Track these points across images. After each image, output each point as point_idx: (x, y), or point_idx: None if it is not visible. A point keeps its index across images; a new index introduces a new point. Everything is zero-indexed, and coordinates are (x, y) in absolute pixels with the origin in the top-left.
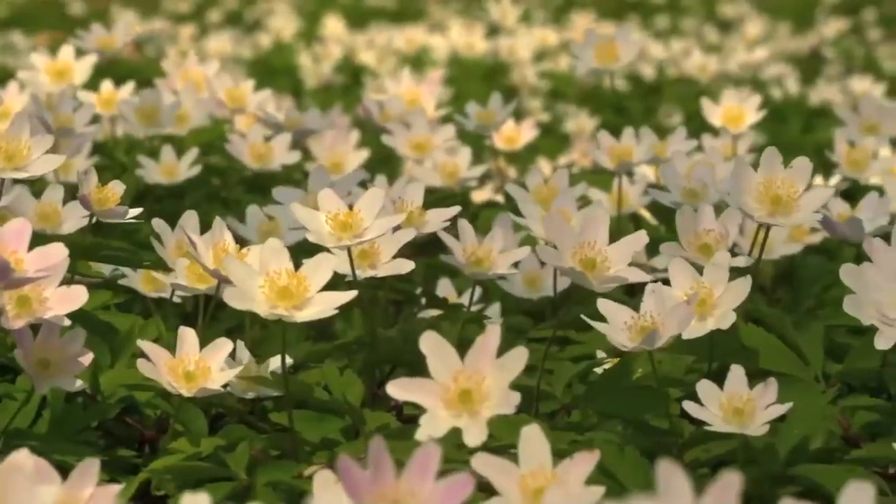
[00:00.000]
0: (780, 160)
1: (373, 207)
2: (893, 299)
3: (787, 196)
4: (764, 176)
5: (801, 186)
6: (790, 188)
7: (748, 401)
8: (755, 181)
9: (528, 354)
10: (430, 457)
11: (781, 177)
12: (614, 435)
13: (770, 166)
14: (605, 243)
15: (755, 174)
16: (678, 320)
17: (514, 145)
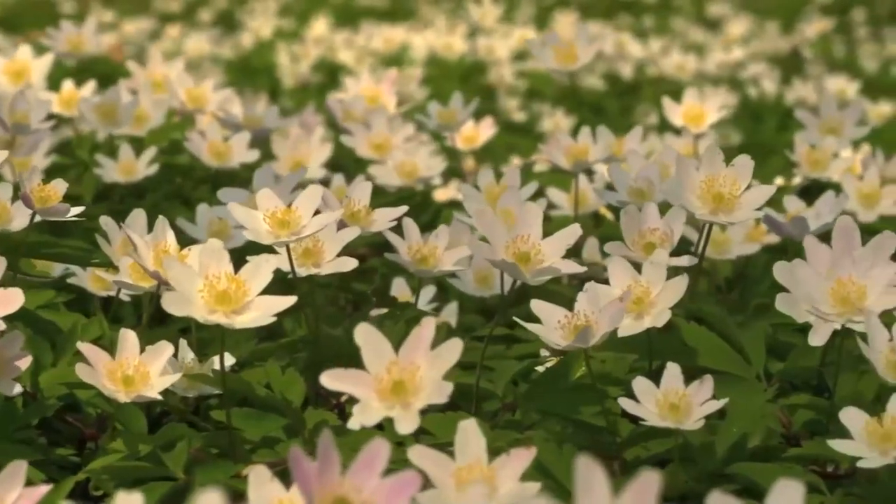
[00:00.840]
0: (722, 158)
1: (310, 205)
2: (825, 295)
3: (729, 194)
4: (706, 174)
5: (743, 184)
6: (732, 186)
7: (683, 397)
8: (698, 179)
9: (463, 349)
10: (377, 454)
11: (723, 175)
12: (554, 433)
13: (712, 164)
14: (539, 237)
15: (697, 172)
16: (610, 318)
17: (473, 144)
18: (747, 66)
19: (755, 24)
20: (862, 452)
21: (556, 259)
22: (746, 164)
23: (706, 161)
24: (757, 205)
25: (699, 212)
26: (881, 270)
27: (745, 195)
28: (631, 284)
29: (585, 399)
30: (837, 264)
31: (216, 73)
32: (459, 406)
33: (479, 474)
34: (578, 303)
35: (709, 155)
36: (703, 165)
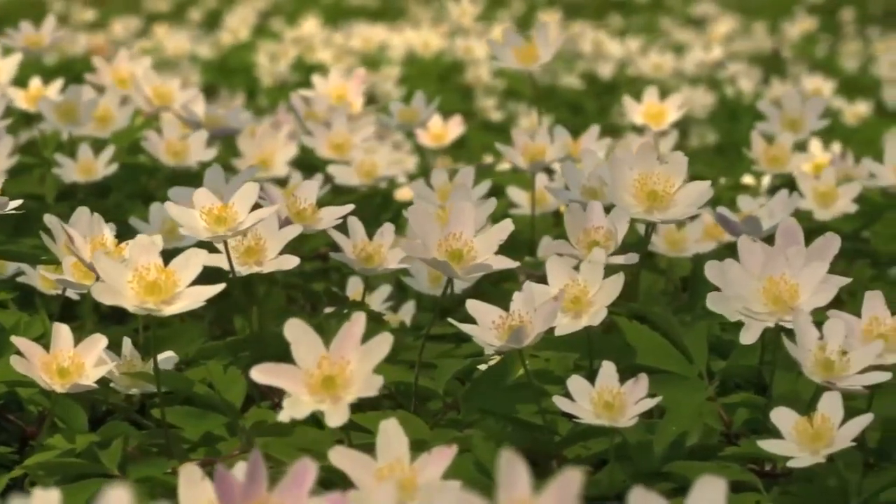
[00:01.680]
0: (656, 156)
1: (247, 201)
2: (756, 294)
3: (664, 191)
4: (640, 172)
5: (678, 182)
6: (666, 184)
7: (618, 395)
8: (631, 178)
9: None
10: (305, 472)
11: (657, 172)
12: (493, 432)
13: (646, 162)
14: (472, 234)
15: (631, 171)
16: (544, 318)
17: (441, 142)
18: (727, 65)
19: (742, 24)
20: (792, 452)
21: (488, 255)
22: (680, 161)
23: (640, 159)
24: (692, 202)
25: (633, 210)
26: (813, 269)
27: (679, 192)
28: (568, 284)
29: (525, 398)
30: (770, 263)
31: (194, 72)
32: (402, 404)
33: (401, 473)
34: (514, 303)
35: (642, 153)
36: (636, 163)
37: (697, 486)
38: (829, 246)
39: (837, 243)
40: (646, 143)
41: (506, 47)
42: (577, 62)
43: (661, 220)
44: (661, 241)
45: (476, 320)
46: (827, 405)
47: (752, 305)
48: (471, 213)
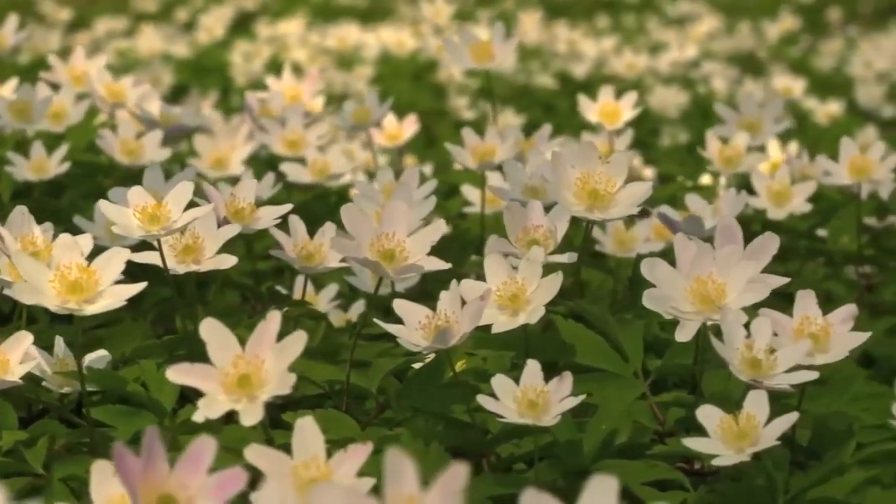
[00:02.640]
0: (598, 155)
1: (181, 200)
2: (684, 293)
3: (605, 191)
4: (581, 171)
5: (619, 181)
6: (608, 183)
7: (542, 394)
8: (573, 176)
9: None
10: (203, 450)
11: (599, 171)
12: (423, 431)
13: (587, 161)
14: (405, 234)
15: (573, 170)
16: (470, 317)
17: (396, 141)
18: (701, 64)
19: (727, 23)
20: (718, 450)
21: (420, 256)
22: (622, 160)
23: (581, 158)
24: (633, 201)
25: (574, 209)
26: (741, 269)
27: (621, 192)
28: (506, 282)
29: (457, 396)
30: (697, 262)
31: (166, 72)
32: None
33: (316, 471)
34: (440, 302)
35: (584, 152)
36: (578, 162)
37: (590, 485)
38: (767, 246)
39: (776, 243)
40: (587, 143)
41: (462, 46)
42: (554, 61)
43: (601, 219)
44: (610, 241)
45: (403, 320)
46: (753, 403)
47: (680, 304)
48: (404, 213)
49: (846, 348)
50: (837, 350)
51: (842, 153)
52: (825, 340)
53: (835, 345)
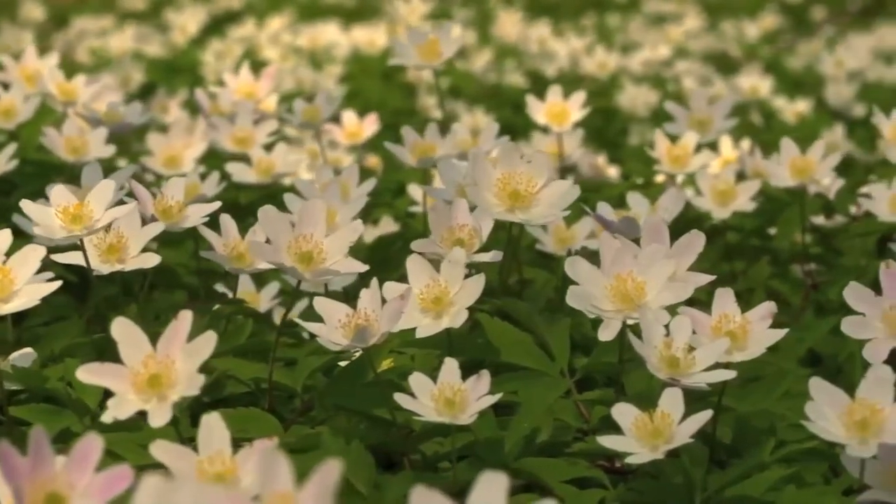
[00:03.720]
0: (519, 154)
1: (104, 199)
2: (605, 291)
3: (526, 191)
4: (503, 171)
5: (541, 181)
6: (529, 183)
7: (459, 392)
8: (494, 177)
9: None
10: (90, 449)
11: (520, 171)
12: (346, 429)
13: (509, 161)
14: (323, 236)
15: (494, 170)
16: (390, 316)
17: (356, 140)
18: (673, 64)
19: (710, 23)
20: (632, 448)
21: (338, 258)
22: (543, 160)
23: (503, 158)
24: (555, 201)
25: (495, 210)
26: (661, 267)
27: (542, 192)
28: (429, 284)
29: (380, 395)
30: (618, 260)
31: (137, 71)
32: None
33: (221, 466)
34: (360, 301)
35: (505, 152)
36: (500, 163)
37: (479, 482)
38: (693, 244)
39: (701, 241)
40: (508, 144)
41: (409, 44)
42: (530, 61)
43: (522, 220)
44: (551, 239)
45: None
46: (668, 402)
47: (601, 303)
48: (321, 213)
49: (763, 346)
50: (755, 348)
51: (782, 154)
52: (743, 338)
53: (752, 343)
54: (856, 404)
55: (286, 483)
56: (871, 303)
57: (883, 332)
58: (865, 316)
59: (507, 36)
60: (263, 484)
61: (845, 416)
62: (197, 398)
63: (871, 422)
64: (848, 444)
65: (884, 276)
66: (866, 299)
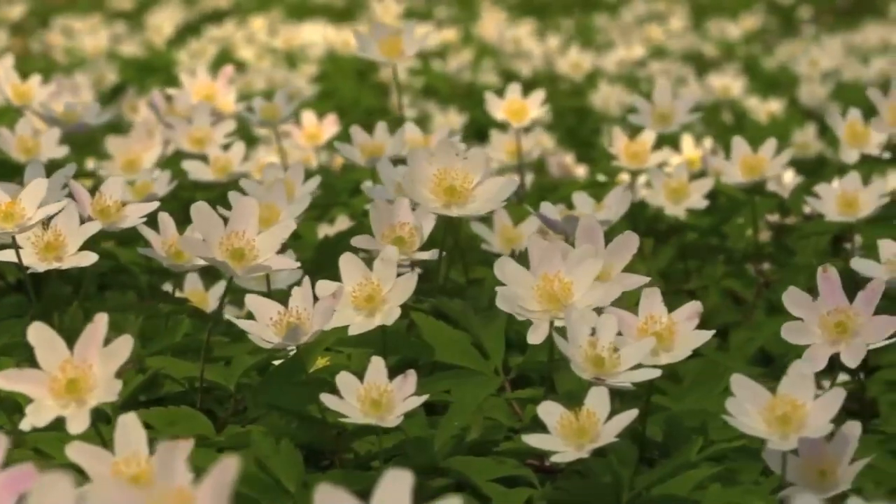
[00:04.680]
0: (456, 151)
1: (35, 197)
2: (531, 292)
3: (462, 187)
4: (439, 167)
5: (477, 177)
6: (465, 179)
7: (385, 392)
8: (430, 172)
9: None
10: None
11: (457, 168)
12: (277, 427)
13: (445, 157)
14: (255, 233)
15: (430, 166)
16: (321, 314)
17: (316, 141)
18: (648, 63)
19: (695, 22)
20: (557, 447)
21: (270, 255)
22: (479, 156)
23: (439, 154)
24: (491, 197)
25: (431, 205)
26: (587, 267)
27: (478, 188)
28: (362, 282)
29: (313, 394)
30: (545, 261)
31: (110, 70)
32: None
33: (137, 468)
34: (292, 299)
35: (441, 148)
36: (435, 158)
37: (383, 481)
38: (628, 244)
39: (635, 242)
40: (444, 140)
41: (371, 40)
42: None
43: (459, 216)
44: (497, 238)
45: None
46: (594, 400)
47: (528, 303)
48: (253, 211)
49: (690, 347)
50: (682, 349)
51: (733, 152)
52: (670, 339)
53: (679, 343)
54: (777, 400)
55: (182, 479)
56: (809, 308)
57: (820, 338)
58: (804, 321)
59: (490, 35)
60: (159, 479)
61: (766, 411)
62: (133, 397)
63: (793, 417)
64: (769, 440)
65: (821, 281)
66: (804, 304)
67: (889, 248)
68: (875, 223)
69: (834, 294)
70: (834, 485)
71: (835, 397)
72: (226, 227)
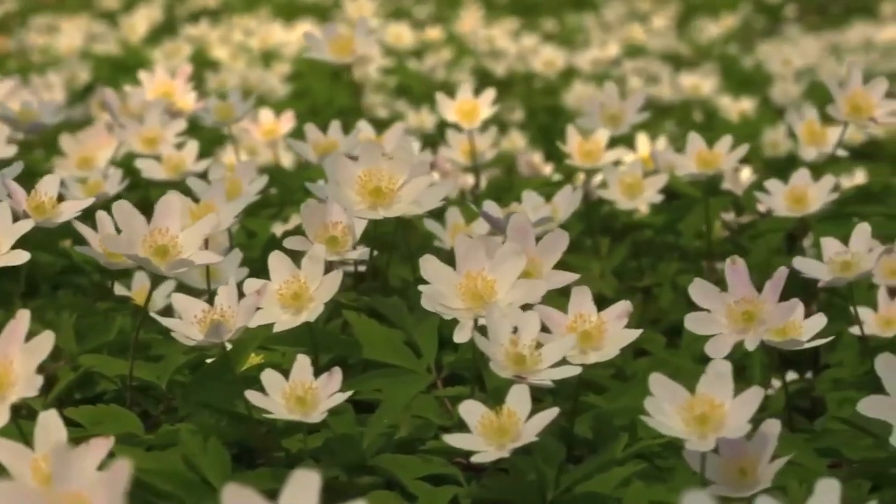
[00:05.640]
0: (380, 152)
1: None
2: (455, 290)
3: (387, 188)
4: (364, 168)
5: (401, 178)
6: (390, 180)
7: (310, 389)
8: (355, 174)
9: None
10: None
11: (382, 169)
12: (206, 425)
13: (370, 159)
14: (179, 230)
15: (355, 167)
16: (245, 311)
17: (272, 137)
18: (622, 62)
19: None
20: (479, 446)
21: (193, 251)
22: (404, 157)
23: (363, 156)
24: (416, 198)
25: (357, 207)
26: (511, 265)
27: (403, 189)
28: (289, 280)
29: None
30: (469, 259)
31: (83, 69)
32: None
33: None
34: (218, 297)
35: (366, 150)
36: (360, 159)
37: (290, 481)
38: (558, 243)
39: (565, 240)
40: (368, 140)
41: (323, 40)
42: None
43: (385, 217)
44: (449, 237)
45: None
46: (515, 400)
47: (451, 301)
48: (177, 208)
49: (619, 345)
50: (610, 347)
51: (688, 147)
52: (599, 338)
53: (608, 342)
54: (695, 399)
55: (79, 482)
56: (716, 298)
57: (727, 328)
58: (710, 312)
59: (468, 34)
60: (55, 483)
61: (684, 411)
62: (69, 395)
63: (711, 417)
64: (688, 440)
65: (729, 272)
66: (711, 295)
67: (832, 247)
68: (829, 220)
69: (741, 284)
70: (754, 483)
71: (752, 396)
72: (149, 225)
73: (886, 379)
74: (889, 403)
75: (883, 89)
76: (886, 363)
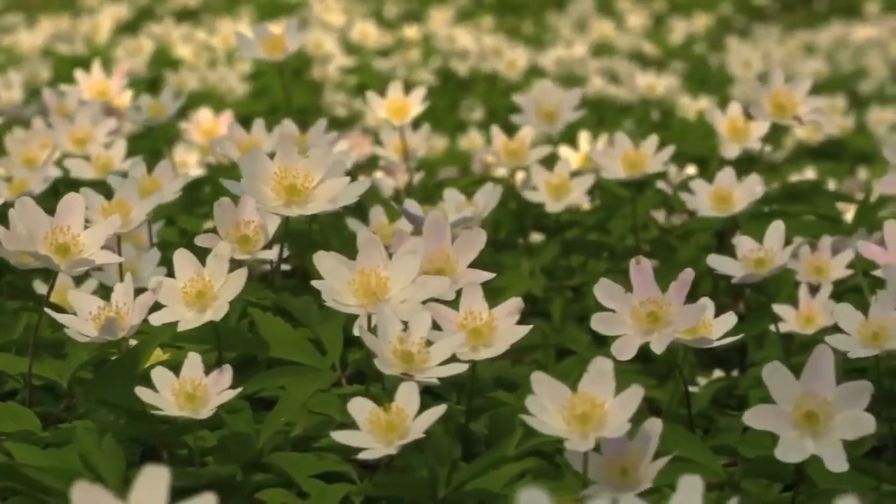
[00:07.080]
0: (297, 150)
1: None
2: (348, 286)
3: (303, 186)
4: (280, 165)
5: (317, 176)
6: (306, 178)
7: (200, 386)
8: (272, 170)
9: None
10: None
11: (298, 166)
12: (104, 423)
13: (287, 156)
14: (81, 228)
15: (272, 164)
16: (140, 308)
17: (211, 137)
18: (588, 62)
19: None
20: (367, 443)
21: (95, 250)
22: (320, 155)
23: (280, 153)
24: (331, 196)
25: (272, 204)
26: (406, 263)
27: (319, 187)
28: (193, 278)
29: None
30: (365, 256)
31: (44, 68)
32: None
33: None
34: (114, 294)
35: (283, 146)
36: (277, 156)
37: (140, 477)
38: (474, 241)
39: (482, 238)
40: (286, 137)
41: (255, 39)
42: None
43: (299, 214)
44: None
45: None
46: (403, 397)
47: (344, 297)
48: (80, 207)
49: (509, 342)
50: (501, 343)
51: (615, 147)
52: (489, 335)
53: (499, 339)
54: (577, 398)
55: None
56: (621, 299)
57: (632, 329)
58: (615, 312)
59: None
60: None
61: (566, 410)
62: None
63: (592, 416)
64: (568, 439)
65: (633, 272)
66: (616, 296)
67: (745, 245)
68: (758, 219)
69: (646, 285)
70: (636, 483)
71: (632, 395)
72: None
73: (773, 388)
74: (775, 413)
75: (806, 87)
76: (773, 372)
